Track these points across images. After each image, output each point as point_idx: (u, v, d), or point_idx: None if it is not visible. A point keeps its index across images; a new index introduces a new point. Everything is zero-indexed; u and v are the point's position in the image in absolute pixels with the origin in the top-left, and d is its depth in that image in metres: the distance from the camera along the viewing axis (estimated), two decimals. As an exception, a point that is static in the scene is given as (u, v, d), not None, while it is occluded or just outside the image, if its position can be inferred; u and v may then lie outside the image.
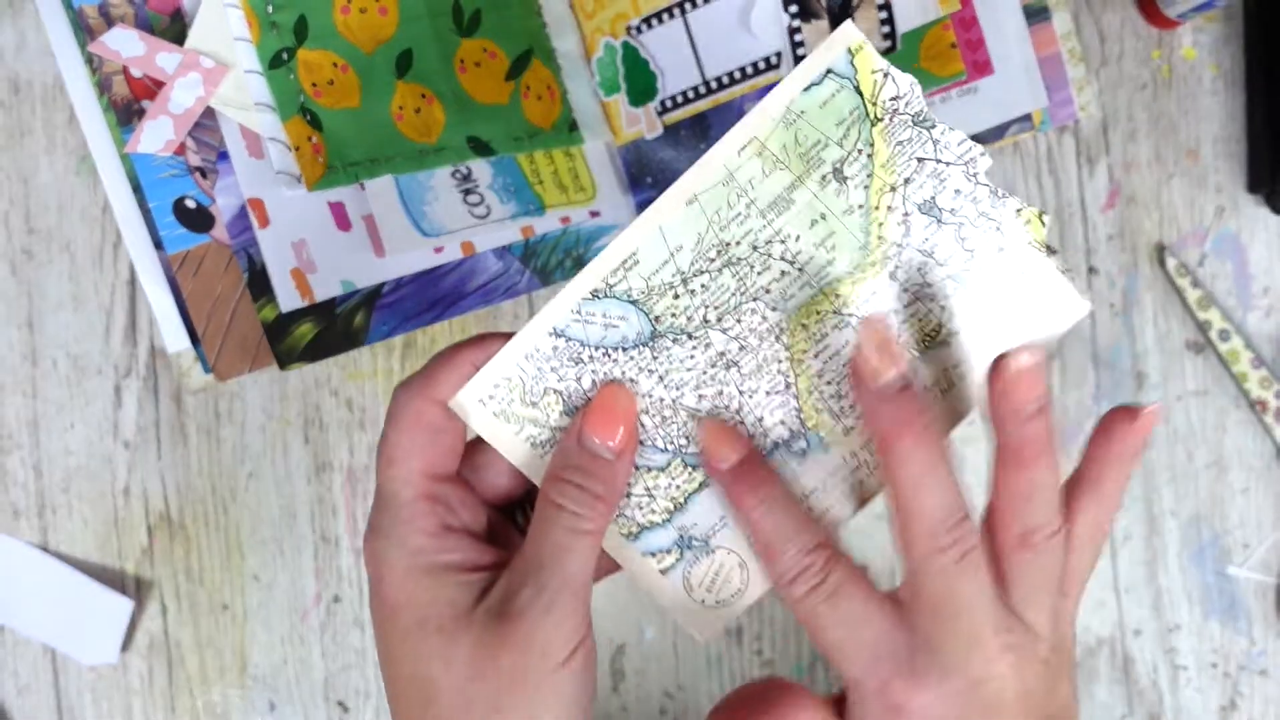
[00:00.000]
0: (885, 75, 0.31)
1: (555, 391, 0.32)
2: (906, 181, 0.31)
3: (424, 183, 0.55)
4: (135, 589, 0.58)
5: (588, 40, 0.57)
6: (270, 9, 0.53)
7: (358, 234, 0.56)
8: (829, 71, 0.31)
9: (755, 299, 0.32)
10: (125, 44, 0.53)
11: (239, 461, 0.59)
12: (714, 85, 0.55)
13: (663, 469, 0.33)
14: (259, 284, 0.55)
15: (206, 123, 0.54)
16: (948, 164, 0.32)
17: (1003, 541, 0.31)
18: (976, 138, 0.55)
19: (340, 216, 0.56)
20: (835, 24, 0.53)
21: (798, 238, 0.32)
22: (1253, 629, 0.58)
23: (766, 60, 0.54)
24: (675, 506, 0.33)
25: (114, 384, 0.58)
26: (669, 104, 0.55)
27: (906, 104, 0.31)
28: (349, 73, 0.54)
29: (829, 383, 0.33)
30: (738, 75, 0.54)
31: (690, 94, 0.55)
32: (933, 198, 0.32)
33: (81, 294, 0.58)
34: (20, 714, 0.59)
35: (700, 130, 0.55)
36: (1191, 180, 0.58)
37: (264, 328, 0.56)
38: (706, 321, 0.32)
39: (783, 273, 0.32)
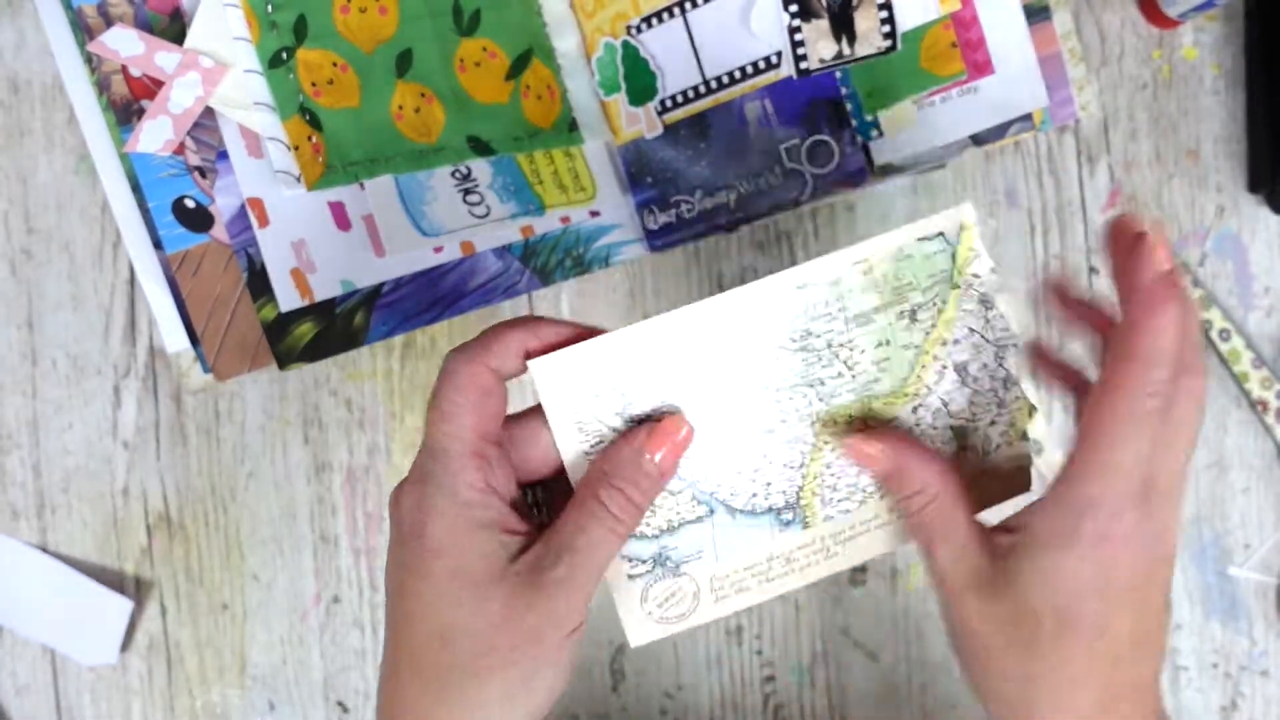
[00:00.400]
0: (976, 256, 0.37)
1: (622, 395, 0.35)
2: (955, 342, 0.37)
3: (424, 182, 0.55)
4: (135, 589, 0.58)
5: (588, 39, 0.57)
6: (270, 8, 0.53)
7: (357, 234, 0.56)
8: (941, 234, 0.36)
9: (810, 385, 0.37)
10: (124, 43, 0.53)
11: (238, 461, 0.58)
12: (714, 85, 0.55)
13: (675, 494, 0.37)
14: (258, 284, 0.55)
15: (206, 122, 0.54)
16: (988, 341, 0.37)
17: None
18: (976, 138, 0.55)
19: (340, 216, 0.56)
20: (835, 23, 0.53)
21: (863, 350, 0.37)
22: (1253, 629, 0.58)
23: (766, 60, 0.54)
24: (669, 528, 0.37)
25: (113, 384, 0.58)
26: (669, 103, 0.55)
27: (981, 284, 0.37)
28: (349, 72, 0.54)
29: (831, 475, 0.37)
30: (738, 75, 0.54)
31: (690, 93, 0.55)
32: (966, 363, 0.37)
33: (81, 294, 0.58)
34: (19, 714, 0.59)
35: (700, 130, 0.55)
36: (1192, 180, 0.58)
37: (263, 328, 0.55)
38: (764, 389, 0.36)
39: (839, 374, 0.37)
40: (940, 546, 0.34)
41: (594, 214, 0.57)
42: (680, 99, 0.55)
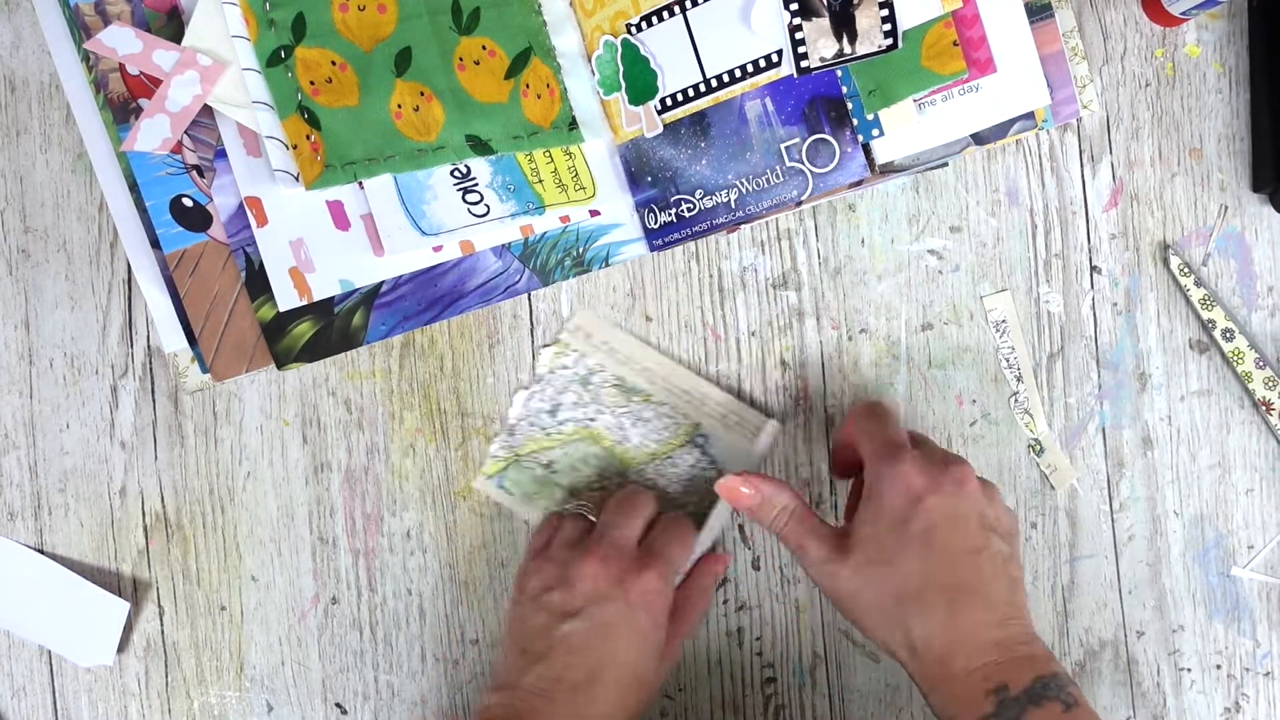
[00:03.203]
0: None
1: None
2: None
3: (423, 181, 0.55)
4: (132, 590, 0.58)
5: (587, 38, 0.56)
6: (268, 6, 0.53)
7: (356, 233, 0.55)
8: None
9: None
10: (122, 41, 0.52)
11: (236, 462, 0.58)
12: (714, 83, 0.54)
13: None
14: (257, 283, 0.55)
15: (204, 121, 0.54)
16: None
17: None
18: (978, 136, 0.54)
19: (339, 215, 0.55)
20: (836, 22, 0.53)
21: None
22: (1257, 631, 0.58)
23: (767, 58, 0.54)
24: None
25: (110, 384, 0.58)
26: (669, 102, 0.55)
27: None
28: (347, 71, 0.54)
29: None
30: (738, 73, 0.54)
31: (690, 92, 0.55)
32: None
33: (78, 293, 0.58)
34: (17, 716, 0.59)
35: (700, 128, 0.55)
36: (1195, 179, 0.58)
37: (261, 327, 0.55)
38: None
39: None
40: (809, 542, 0.49)
41: (594, 213, 0.57)
42: (680, 98, 0.55)
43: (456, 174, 0.55)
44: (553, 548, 0.52)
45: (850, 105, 0.54)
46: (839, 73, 0.54)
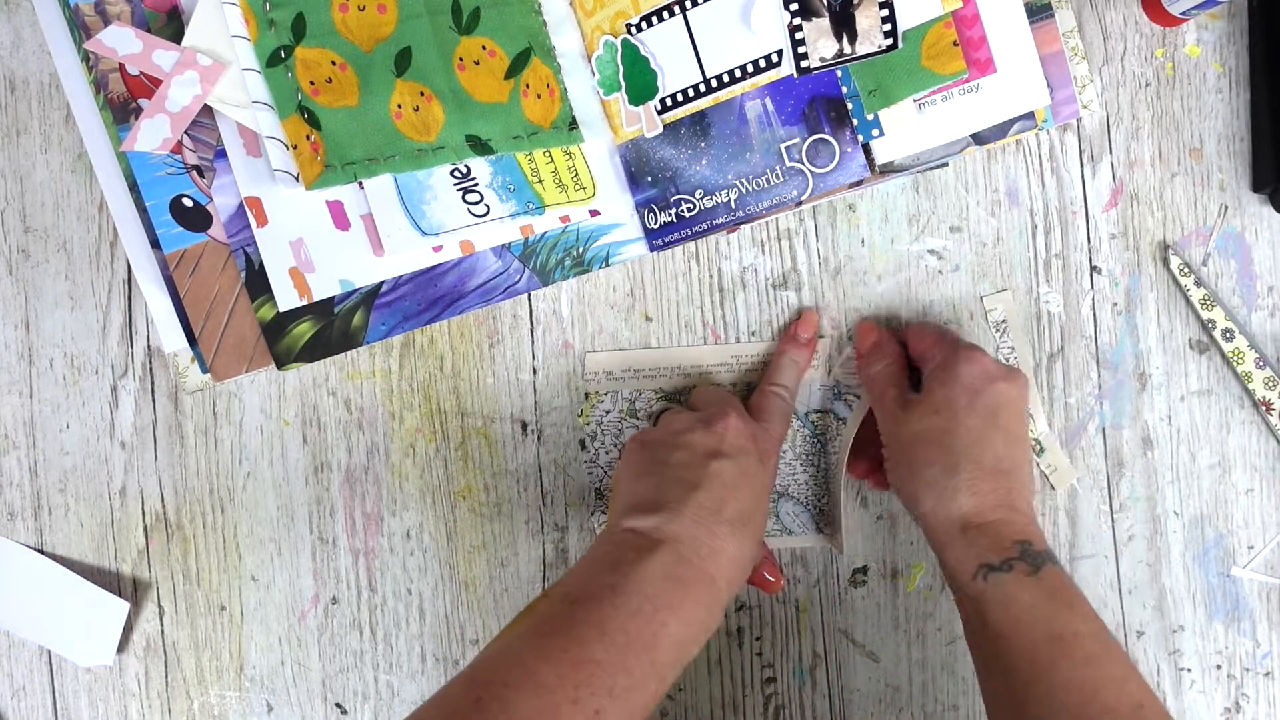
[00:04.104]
0: None
1: None
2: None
3: (423, 181, 0.55)
4: (132, 590, 0.58)
5: (587, 38, 0.56)
6: (268, 6, 0.53)
7: (356, 233, 0.55)
8: None
9: None
10: (122, 41, 0.52)
11: (236, 462, 0.58)
12: (714, 83, 0.54)
13: None
14: (257, 283, 0.55)
15: (204, 121, 0.54)
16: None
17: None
18: (978, 136, 0.54)
19: (339, 215, 0.55)
20: (836, 22, 0.53)
21: None
22: (1257, 631, 0.58)
23: (767, 58, 0.54)
24: None
25: (110, 384, 0.58)
26: (669, 102, 0.55)
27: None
28: (347, 71, 0.54)
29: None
30: (738, 73, 0.54)
31: (690, 92, 0.55)
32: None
33: (78, 293, 0.58)
34: (16, 716, 0.59)
35: (700, 128, 0.55)
36: (1195, 179, 0.58)
37: (261, 327, 0.55)
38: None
39: None
40: (890, 389, 0.53)
41: (594, 213, 0.57)
42: (680, 98, 0.55)
43: (456, 174, 0.55)
44: (677, 414, 0.53)
45: (850, 105, 0.54)
46: (839, 73, 0.54)
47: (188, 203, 0.55)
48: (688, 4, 0.54)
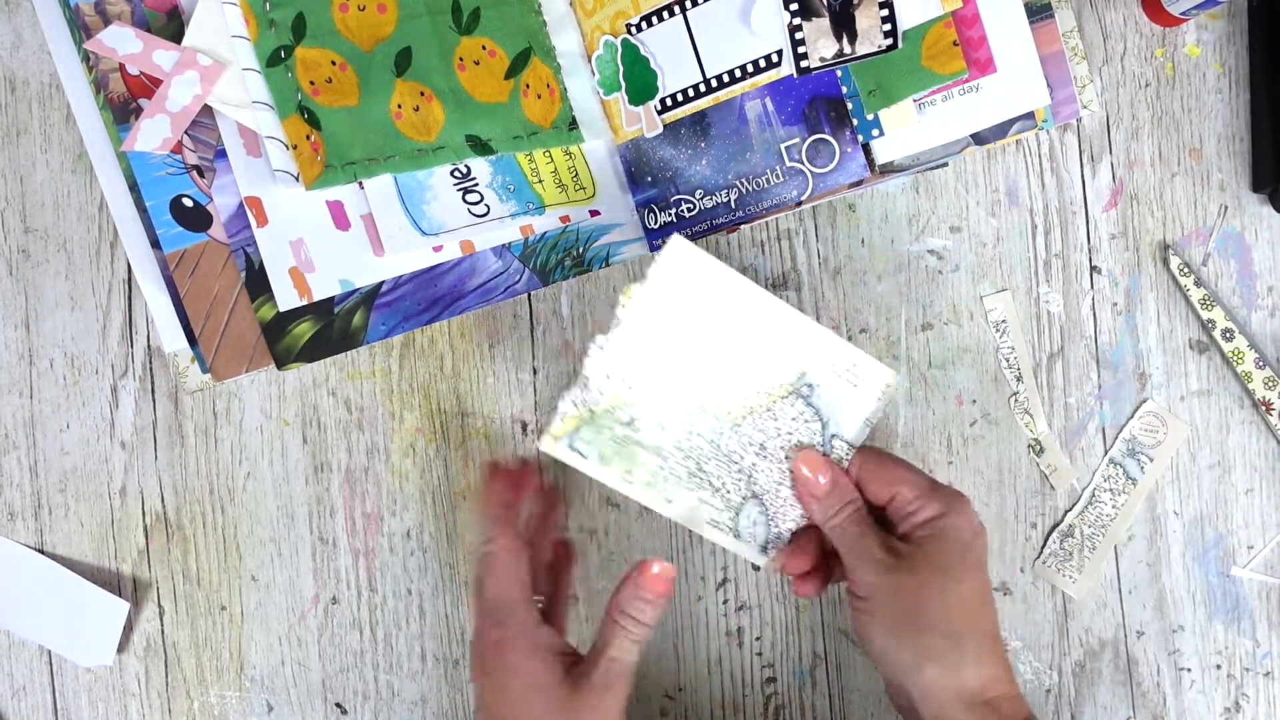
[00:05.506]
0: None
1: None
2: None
3: (423, 181, 0.55)
4: (132, 590, 0.58)
5: (587, 38, 0.56)
6: (268, 6, 0.53)
7: (356, 233, 0.55)
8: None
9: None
10: (122, 41, 0.52)
11: (236, 462, 0.58)
12: (714, 83, 0.54)
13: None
14: (257, 283, 0.55)
15: (204, 121, 0.54)
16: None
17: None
18: (978, 136, 0.54)
19: (339, 215, 0.55)
20: (836, 22, 0.53)
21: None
22: (1257, 631, 0.58)
23: (767, 58, 0.54)
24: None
25: (111, 384, 0.58)
26: (669, 102, 0.55)
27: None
28: (347, 71, 0.54)
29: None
30: (738, 73, 0.54)
31: (690, 92, 0.55)
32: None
33: (78, 293, 0.58)
34: (16, 716, 0.59)
35: (700, 128, 0.55)
36: (1195, 179, 0.58)
37: (262, 327, 0.55)
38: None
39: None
40: (864, 543, 0.48)
41: (594, 213, 0.57)
42: (680, 98, 0.55)
43: (456, 174, 0.55)
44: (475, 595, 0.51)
45: (850, 105, 0.54)
46: (839, 73, 0.54)
47: (188, 203, 0.55)
48: (688, 4, 0.54)
